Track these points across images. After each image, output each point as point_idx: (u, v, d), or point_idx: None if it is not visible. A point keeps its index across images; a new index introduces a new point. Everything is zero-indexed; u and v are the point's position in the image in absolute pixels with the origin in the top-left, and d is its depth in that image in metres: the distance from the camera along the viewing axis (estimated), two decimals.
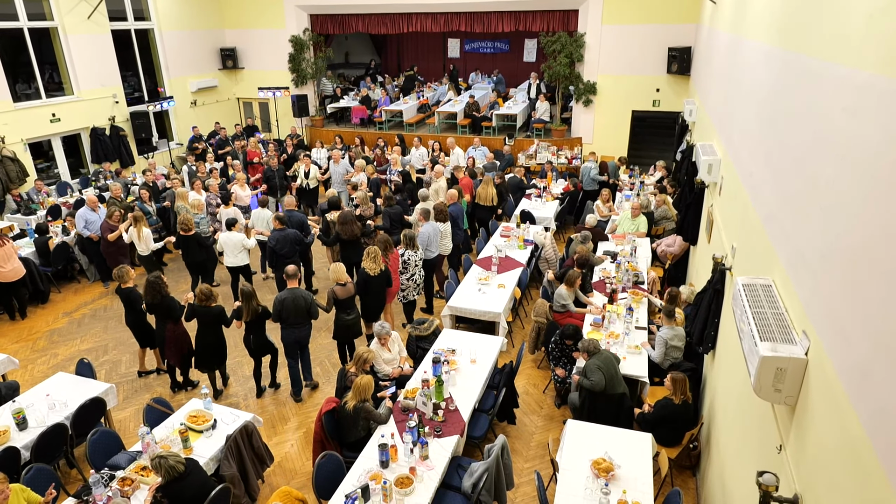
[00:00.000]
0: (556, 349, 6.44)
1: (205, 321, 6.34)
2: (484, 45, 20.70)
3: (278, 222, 8.00)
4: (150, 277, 6.38)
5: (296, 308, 6.31)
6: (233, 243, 8.16)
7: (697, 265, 7.43)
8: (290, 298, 6.31)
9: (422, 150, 12.91)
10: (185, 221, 8.15)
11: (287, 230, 8.00)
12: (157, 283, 6.35)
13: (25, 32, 11.78)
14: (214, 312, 6.30)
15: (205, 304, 6.26)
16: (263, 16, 16.04)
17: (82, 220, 9.11)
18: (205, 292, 6.26)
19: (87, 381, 6.03)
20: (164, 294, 6.40)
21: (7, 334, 8.19)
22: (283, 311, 6.32)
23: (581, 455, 4.78)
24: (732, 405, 4.29)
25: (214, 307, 6.31)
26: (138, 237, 8.45)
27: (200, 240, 8.35)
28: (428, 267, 8.18)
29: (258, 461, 5.33)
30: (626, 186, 11.59)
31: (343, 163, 11.64)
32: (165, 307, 6.40)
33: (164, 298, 6.39)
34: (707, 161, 6.35)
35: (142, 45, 14.50)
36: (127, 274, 6.60)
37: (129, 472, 4.69)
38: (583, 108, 14.17)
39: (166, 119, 15.40)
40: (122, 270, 6.60)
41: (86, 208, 9.20)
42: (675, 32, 12.77)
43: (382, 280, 7.00)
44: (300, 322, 6.44)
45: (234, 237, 8.15)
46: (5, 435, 5.11)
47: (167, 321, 6.46)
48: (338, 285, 6.64)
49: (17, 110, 11.54)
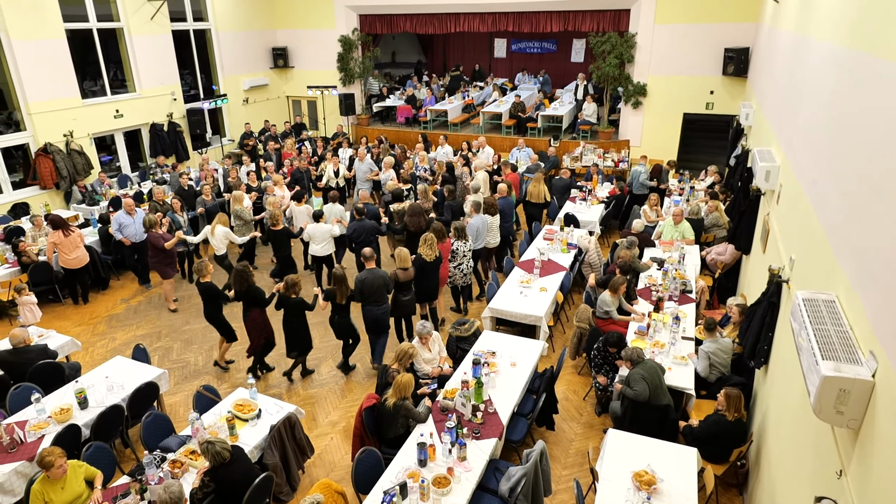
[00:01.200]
0: (599, 356, 6.34)
1: (290, 309, 6.63)
2: (531, 44, 20.55)
3: (357, 214, 8.43)
4: (239, 267, 6.65)
5: (375, 286, 6.74)
6: (321, 233, 8.52)
7: (750, 276, 7.18)
8: (370, 278, 6.73)
9: (447, 147, 12.99)
10: (274, 217, 8.48)
11: (365, 221, 8.51)
12: (245, 272, 6.61)
13: (94, 33, 12.38)
14: (295, 302, 6.59)
15: (290, 293, 6.54)
16: (314, 16, 16.36)
17: (117, 223, 9.04)
18: (293, 281, 6.53)
19: (142, 365, 6.30)
20: (251, 283, 6.67)
21: (71, 317, 8.63)
22: (364, 290, 6.73)
23: (622, 466, 4.68)
24: (786, 424, 4.12)
25: (296, 298, 6.58)
26: (212, 235, 8.47)
27: (290, 233, 8.71)
28: (475, 257, 8.50)
29: (300, 452, 5.45)
30: (675, 191, 11.29)
31: (367, 161, 11.79)
32: (252, 295, 6.66)
33: (251, 287, 6.65)
34: (764, 167, 6.13)
35: (199, 45, 15.02)
36: (206, 268, 6.82)
37: (179, 454, 4.87)
38: (631, 110, 13.90)
39: (219, 116, 15.90)
40: (201, 265, 6.81)
41: (122, 212, 9.13)
42: (732, 32, 12.37)
43: (436, 266, 7.41)
44: (379, 300, 6.85)
45: (323, 227, 8.53)
46: (68, 413, 5.38)
47: (252, 308, 6.72)
48: (401, 269, 6.98)
49: (85, 107, 12.13)
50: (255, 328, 6.78)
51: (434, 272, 7.45)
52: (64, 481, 4.40)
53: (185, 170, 12.85)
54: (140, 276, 9.58)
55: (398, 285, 7.06)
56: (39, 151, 11.32)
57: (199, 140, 14.75)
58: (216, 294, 6.91)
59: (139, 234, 9.01)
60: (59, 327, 7.59)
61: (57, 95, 11.54)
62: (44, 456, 4.27)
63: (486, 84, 18.63)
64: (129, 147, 13.65)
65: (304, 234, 8.73)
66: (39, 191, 11.51)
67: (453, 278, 8.13)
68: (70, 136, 11.78)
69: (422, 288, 7.44)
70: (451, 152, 12.94)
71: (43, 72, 11.23)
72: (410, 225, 8.59)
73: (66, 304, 8.98)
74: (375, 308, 6.88)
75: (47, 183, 11.45)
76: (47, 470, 4.28)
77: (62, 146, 11.62)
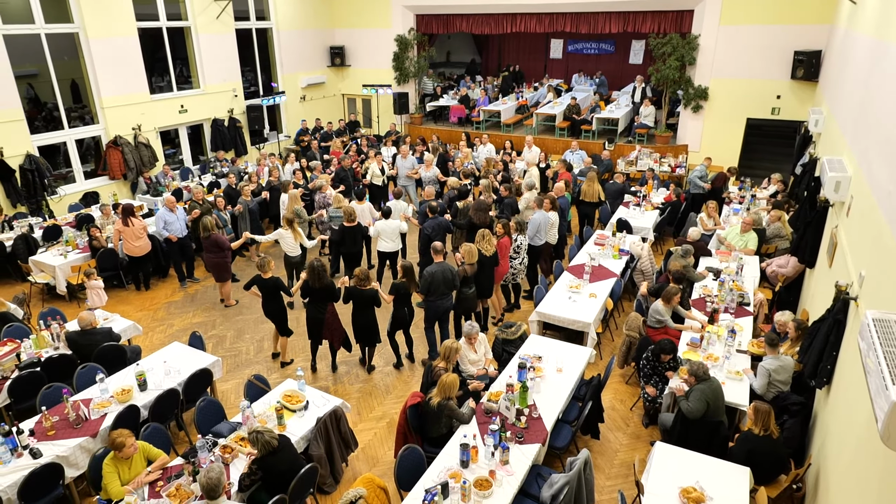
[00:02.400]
0: (648, 366, 6.17)
1: (360, 302, 6.77)
2: (588, 45, 20.22)
3: (431, 212, 8.60)
4: (314, 263, 6.71)
5: (444, 280, 6.90)
6: (391, 230, 8.67)
7: (814, 290, 6.84)
8: (439, 271, 6.87)
9: (489, 146, 12.97)
10: (349, 213, 8.60)
11: (439, 218, 8.67)
12: (321, 268, 6.71)
13: (164, 32, 12.95)
14: (369, 294, 6.72)
15: (362, 286, 6.68)
16: (372, 16, 16.60)
17: (161, 221, 9.13)
18: (364, 274, 6.68)
19: (197, 352, 6.54)
20: (327, 279, 6.77)
21: (133, 302, 9.06)
22: (433, 284, 6.85)
23: (669, 480, 4.55)
24: (849, 448, 3.91)
25: (369, 290, 6.71)
26: (294, 238, 8.43)
27: (364, 230, 8.80)
28: (534, 254, 8.58)
29: (344, 445, 5.54)
30: (734, 199, 10.88)
31: (410, 158, 11.88)
32: (327, 290, 6.78)
33: (326, 283, 6.76)
34: (834, 178, 5.82)
35: (260, 43, 15.49)
36: (269, 264, 6.94)
37: (229, 440, 5.04)
38: (691, 114, 13.47)
39: (277, 112, 16.34)
40: (263, 261, 6.90)
41: (164, 209, 9.22)
42: (803, 34, 11.81)
43: (493, 261, 7.53)
44: (445, 293, 7.00)
45: (392, 224, 8.67)
46: (129, 393, 5.65)
47: (327, 304, 6.85)
48: (468, 265, 7.09)
49: (153, 102, 12.71)
50: (336, 321, 6.95)
51: (490, 268, 7.54)
52: (131, 460, 4.64)
53: (242, 166, 13.17)
54: (180, 274, 9.59)
55: (463, 279, 7.20)
56: (110, 143, 11.95)
57: (257, 136, 15.22)
58: (280, 289, 7.03)
59: (182, 230, 9.25)
60: (122, 311, 7.96)
61: (128, 91, 12.15)
62: (115, 438, 4.49)
63: (540, 85, 18.45)
64: (191, 141, 14.22)
65: (372, 231, 8.81)
66: (108, 181, 12.16)
67: (515, 273, 8.25)
68: (138, 130, 12.38)
69: (479, 282, 7.51)
70: (493, 151, 12.96)
71: (116, 68, 11.84)
72: (476, 219, 8.73)
73: (129, 290, 9.44)
74: (441, 301, 7.04)
75: (116, 174, 12.08)
76: (119, 451, 4.50)
77: (130, 139, 12.22)
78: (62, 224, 10.12)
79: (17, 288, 9.15)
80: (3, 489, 4.60)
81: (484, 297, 7.76)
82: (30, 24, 10.63)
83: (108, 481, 4.51)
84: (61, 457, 4.98)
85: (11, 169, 10.38)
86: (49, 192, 11.03)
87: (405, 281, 6.93)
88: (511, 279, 8.32)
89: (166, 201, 9.31)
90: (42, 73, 11.26)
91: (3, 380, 5.97)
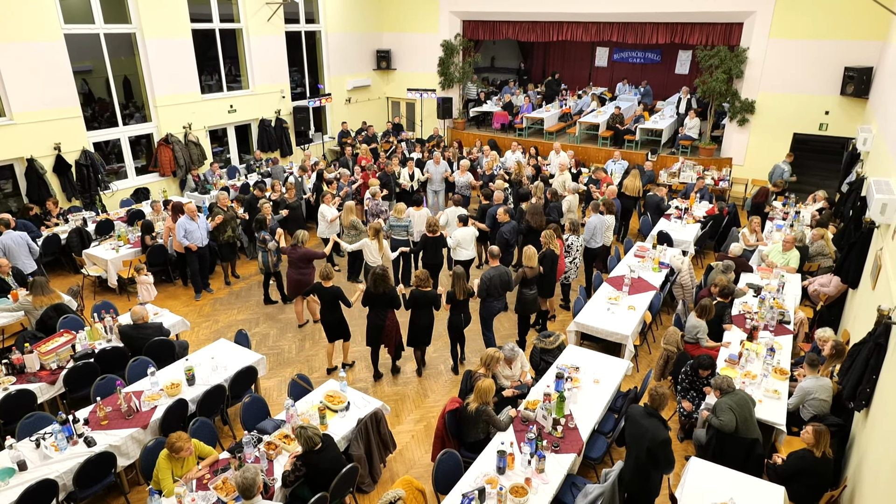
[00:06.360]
0: (686, 380, 6.18)
1: (423, 303, 6.94)
2: (634, 54, 20.01)
3: (507, 216, 8.92)
4: (378, 270, 6.83)
5: (501, 283, 7.19)
6: (470, 237, 8.86)
7: (856, 312, 6.73)
8: (496, 275, 7.14)
9: (518, 153, 13.05)
10: (433, 224, 8.53)
11: (512, 222, 9.02)
12: (385, 275, 6.82)
13: (216, 33, 13.41)
14: (431, 296, 6.91)
15: (423, 288, 6.86)
16: (419, 20, 16.79)
17: (182, 230, 8.81)
18: (424, 275, 6.85)
19: (243, 349, 6.75)
20: (389, 286, 6.87)
21: (180, 298, 9.43)
22: (490, 287, 7.11)
23: (703, 496, 4.58)
24: (886, 472, 3.89)
25: (430, 291, 6.89)
26: (380, 249, 8.41)
27: (444, 241, 8.75)
28: (590, 256, 9.07)
29: (383, 446, 5.71)
30: (778, 215, 10.70)
31: (443, 163, 12.03)
32: (390, 297, 6.88)
33: (390, 289, 6.87)
34: (881, 200, 5.74)
35: (308, 45, 15.86)
36: (331, 272, 7.05)
37: (274, 437, 5.24)
38: (736, 127, 13.27)
39: (322, 114, 16.70)
40: (327, 269, 7.01)
41: (186, 217, 8.87)
42: (854, 50, 11.54)
43: (556, 260, 7.87)
44: (500, 296, 7.29)
45: (469, 231, 8.87)
46: (178, 388, 5.89)
47: (388, 310, 6.96)
48: (528, 268, 7.35)
49: (203, 101, 13.18)
50: (395, 327, 7.09)
51: (554, 267, 7.84)
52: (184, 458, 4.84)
53: (288, 165, 13.36)
54: (196, 285, 9.37)
55: (524, 281, 7.39)
56: (161, 141, 12.40)
57: (302, 137, 15.59)
58: (340, 298, 7.03)
59: (203, 239, 9.06)
60: (170, 306, 8.28)
61: (180, 90, 12.60)
62: (174, 441, 4.65)
63: (584, 93, 18.40)
64: (239, 140, 14.66)
65: (451, 241, 8.81)
66: (158, 178, 12.63)
67: (568, 273, 8.61)
68: (188, 128, 12.84)
69: (544, 283, 7.74)
70: (521, 156, 13.04)
71: (170, 68, 12.27)
72: (532, 223, 9.07)
73: (176, 285, 9.79)
74: (496, 303, 7.34)
75: (166, 171, 12.54)
76: (177, 454, 4.67)
77: (181, 137, 12.68)
78: (114, 219, 10.47)
79: (71, 280, 9.59)
80: (60, 475, 4.79)
81: (546, 297, 8.00)
82: (90, 23, 11.10)
83: (162, 477, 4.69)
84: (114, 446, 5.15)
85: (68, 164, 10.82)
86: (102, 188, 11.51)
87: (454, 288, 6.99)
88: (563, 279, 8.65)
89: (187, 210, 8.91)
90: (96, 69, 11.70)
91: (60, 369, 6.18)
